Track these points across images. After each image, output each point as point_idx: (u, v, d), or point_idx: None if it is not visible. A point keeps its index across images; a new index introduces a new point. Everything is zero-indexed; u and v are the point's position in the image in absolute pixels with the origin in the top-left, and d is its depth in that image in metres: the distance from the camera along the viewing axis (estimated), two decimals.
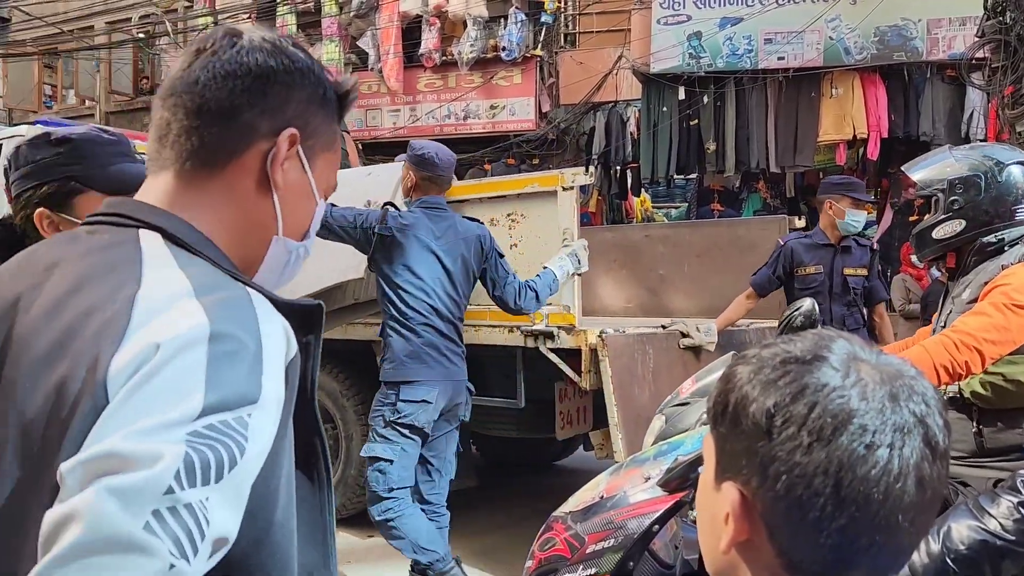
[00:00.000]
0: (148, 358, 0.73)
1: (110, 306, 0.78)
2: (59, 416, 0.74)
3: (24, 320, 0.83)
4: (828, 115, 8.44)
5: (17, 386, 0.79)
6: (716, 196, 9.42)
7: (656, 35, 8.58)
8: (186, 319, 0.75)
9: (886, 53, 8.10)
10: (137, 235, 0.86)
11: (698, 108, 8.74)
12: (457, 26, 10.65)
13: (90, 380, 0.73)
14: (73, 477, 0.67)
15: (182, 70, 0.91)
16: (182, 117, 0.90)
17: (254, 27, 0.99)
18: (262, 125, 0.92)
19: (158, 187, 0.91)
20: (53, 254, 0.88)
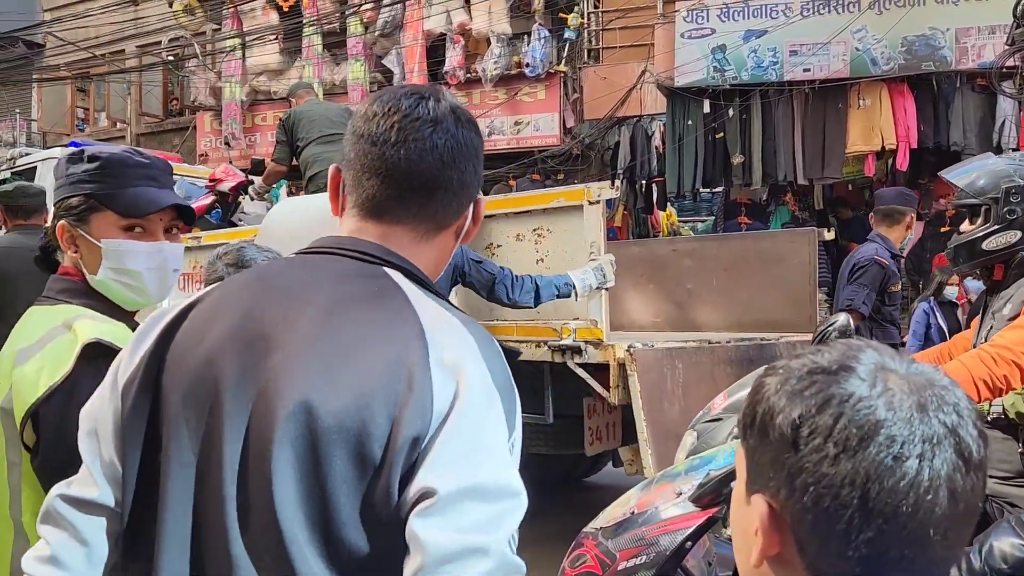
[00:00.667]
0: (454, 389, 0.90)
1: (399, 330, 0.93)
2: (380, 424, 0.88)
3: (293, 334, 0.94)
4: (856, 126, 8.36)
5: (314, 391, 0.89)
6: (743, 209, 9.35)
7: (680, 49, 8.57)
8: (474, 362, 0.93)
9: (914, 63, 8.01)
10: (384, 271, 1.02)
11: (724, 121, 8.70)
12: (481, 43, 10.72)
13: (412, 398, 0.88)
14: (453, 502, 0.85)
15: (417, 138, 1.03)
16: (446, 188, 1.05)
17: (450, 95, 1.12)
18: (474, 193, 1.11)
19: (392, 234, 1.05)
20: (304, 273, 1.02)
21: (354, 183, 1.06)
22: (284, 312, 0.97)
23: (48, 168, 7.44)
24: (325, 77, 11.38)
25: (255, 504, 0.90)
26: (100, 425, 1.03)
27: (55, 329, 1.36)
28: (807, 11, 8.25)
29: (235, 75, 11.83)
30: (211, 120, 12.51)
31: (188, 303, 1.05)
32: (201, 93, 12.29)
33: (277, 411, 0.90)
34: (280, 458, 0.89)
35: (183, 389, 0.97)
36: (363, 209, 1.06)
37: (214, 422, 0.94)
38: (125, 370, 1.03)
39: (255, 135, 12.19)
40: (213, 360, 0.96)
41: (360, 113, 1.08)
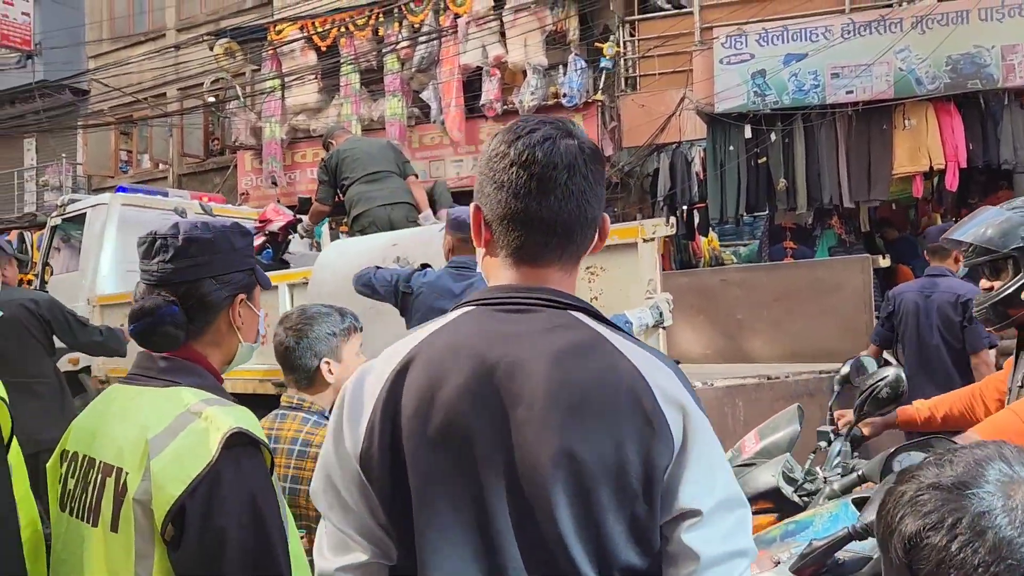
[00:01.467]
0: (682, 420, 1.03)
1: (622, 374, 1.04)
2: (632, 460, 1.01)
3: (527, 379, 1.04)
4: (902, 147, 8.22)
5: (568, 431, 1.01)
6: (788, 233, 9.21)
7: (719, 75, 8.52)
8: (683, 392, 1.06)
9: (960, 81, 7.86)
10: (573, 315, 1.11)
11: (766, 146, 8.61)
12: (517, 75, 10.78)
13: (655, 434, 1.01)
14: (712, 516, 1.03)
15: (555, 187, 1.11)
16: (583, 225, 1.13)
17: (575, 128, 1.18)
18: (601, 214, 1.18)
19: (548, 275, 1.14)
20: (505, 327, 1.09)
21: (501, 230, 1.14)
22: (512, 367, 1.05)
23: (98, 214, 7.57)
24: (363, 113, 11.52)
25: (542, 542, 1.02)
26: (344, 494, 1.11)
27: (183, 416, 1.32)
28: (848, 33, 8.17)
29: (275, 115, 12.03)
30: (252, 159, 12.72)
31: (395, 369, 1.10)
32: (242, 133, 12.51)
33: (542, 460, 1.01)
34: (558, 502, 1.01)
35: (432, 447, 1.05)
36: (515, 255, 1.14)
37: (476, 475, 1.04)
38: (352, 440, 1.10)
39: (295, 172, 12.36)
40: (457, 419, 1.05)
41: (494, 156, 1.14)
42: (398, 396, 1.08)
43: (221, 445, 1.27)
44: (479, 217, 1.17)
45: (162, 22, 15.42)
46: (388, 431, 1.07)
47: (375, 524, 1.10)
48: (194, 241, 1.46)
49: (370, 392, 1.10)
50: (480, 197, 1.16)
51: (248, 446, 1.32)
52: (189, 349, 1.47)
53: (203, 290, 1.45)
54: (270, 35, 11.95)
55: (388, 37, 11.38)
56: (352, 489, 1.10)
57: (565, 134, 1.13)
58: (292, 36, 11.80)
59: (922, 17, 7.92)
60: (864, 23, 8.18)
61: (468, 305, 1.16)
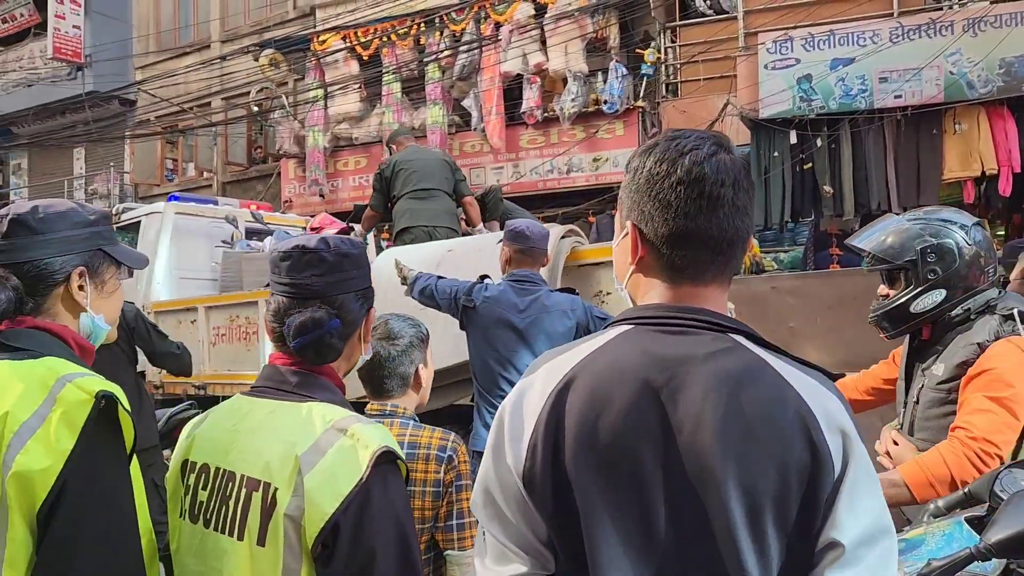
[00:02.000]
0: (842, 447, 1.03)
1: (786, 401, 1.03)
2: (795, 491, 1.01)
3: (691, 405, 1.04)
4: (952, 152, 8.08)
5: (734, 460, 1.01)
6: (834, 240, 9.08)
7: (765, 80, 8.45)
8: (845, 418, 1.05)
9: (1014, 85, 7.71)
10: (734, 338, 1.10)
11: (812, 152, 8.52)
12: (557, 83, 10.81)
13: (819, 464, 1.01)
14: (856, 551, 1.00)
15: (722, 204, 1.10)
16: (744, 240, 1.13)
17: (727, 140, 1.18)
18: None
19: (708, 294, 1.14)
20: (666, 350, 1.09)
21: (667, 248, 1.12)
22: (675, 392, 1.05)
23: (152, 222, 7.72)
24: (404, 122, 11.62)
25: (710, 564, 1.02)
26: (503, 508, 1.12)
27: (330, 433, 1.34)
28: (896, 37, 8.06)
29: (318, 124, 12.19)
30: (295, 167, 12.90)
31: (557, 387, 1.10)
32: (286, 141, 12.70)
33: (707, 488, 1.02)
34: (727, 530, 1.01)
35: (597, 468, 1.06)
36: (678, 273, 1.14)
37: (641, 498, 1.05)
38: (513, 456, 1.11)
39: (338, 180, 12.52)
40: (622, 442, 1.05)
41: (657, 175, 1.12)
42: (561, 415, 1.08)
43: (371, 463, 1.30)
44: (636, 234, 1.15)
45: (207, 34, 15.72)
46: (551, 450, 1.08)
47: (534, 538, 1.11)
48: (346, 256, 1.49)
49: (531, 410, 1.11)
50: (639, 216, 1.14)
51: (392, 463, 1.35)
52: (326, 369, 1.50)
53: (350, 305, 1.49)
54: (313, 45, 12.12)
55: (430, 46, 11.48)
56: (512, 504, 1.11)
57: (725, 149, 1.13)
58: (335, 46, 11.96)
59: (974, 20, 7.79)
60: (913, 27, 8.06)
61: (624, 324, 1.15)
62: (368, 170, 12.32)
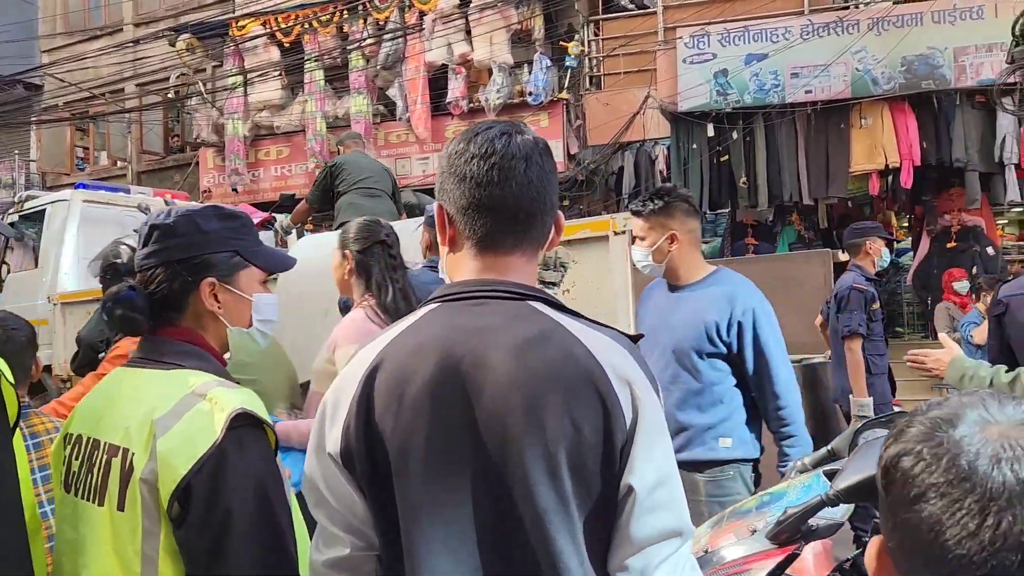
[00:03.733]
0: (631, 397, 1.08)
1: (577, 359, 1.09)
2: (590, 440, 1.06)
3: (489, 371, 1.09)
4: (859, 145, 8.45)
5: (529, 417, 1.07)
6: (750, 230, 9.40)
7: (683, 74, 8.67)
8: (633, 368, 1.11)
9: (914, 82, 8.12)
10: (532, 305, 1.16)
11: (728, 144, 8.78)
12: (483, 73, 10.82)
13: (610, 415, 1.06)
14: (650, 495, 1.07)
15: (515, 175, 1.18)
16: (542, 213, 1.21)
17: (528, 128, 1.26)
18: (556, 209, 1.25)
19: (510, 263, 1.20)
20: (468, 321, 1.15)
21: (466, 220, 1.20)
22: (475, 361, 1.11)
23: (59, 211, 7.44)
24: (328, 110, 11.46)
25: (518, 524, 1.07)
26: (324, 493, 1.18)
27: (188, 397, 1.34)
28: (807, 34, 8.37)
29: (238, 111, 11.90)
30: (214, 156, 12.57)
31: (366, 371, 1.16)
32: (203, 130, 12.36)
33: (509, 448, 1.07)
34: (536, 480, 1.06)
35: (405, 442, 1.12)
36: (480, 244, 1.21)
37: (448, 467, 1.10)
38: (332, 439, 1.17)
39: (258, 170, 12.25)
40: (425, 414, 1.11)
41: (455, 153, 1.22)
42: (371, 396, 1.14)
43: (226, 426, 1.30)
44: (442, 214, 1.23)
45: (119, 16, 15.14)
46: (363, 429, 1.14)
47: (356, 520, 1.17)
48: (156, 228, 1.49)
49: (346, 397, 1.17)
50: (442, 194, 1.23)
51: (253, 427, 1.35)
52: (192, 333, 1.49)
53: (164, 276, 1.47)
54: (232, 30, 11.82)
55: (353, 34, 11.34)
56: (334, 489, 1.17)
57: (519, 131, 1.23)
58: (254, 32, 11.69)
59: (878, 19, 8.16)
60: (822, 24, 8.39)
61: (433, 302, 1.22)
62: (290, 160, 12.10)
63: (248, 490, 1.30)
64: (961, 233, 8.52)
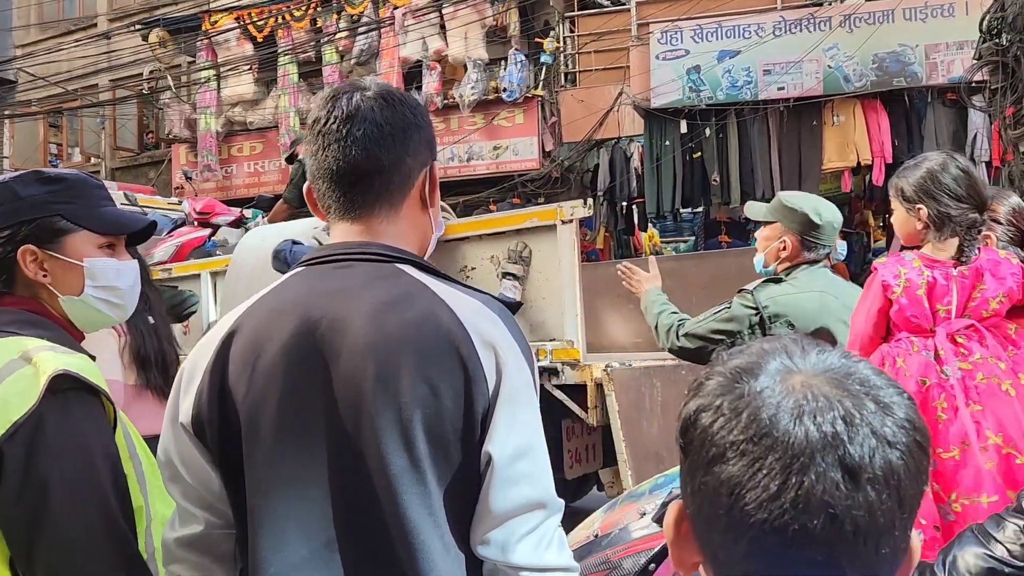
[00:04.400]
0: (496, 361, 1.03)
1: (440, 321, 1.04)
2: (449, 407, 1.00)
3: (346, 335, 1.04)
4: (831, 143, 8.40)
5: (383, 381, 1.01)
6: (723, 228, 9.35)
7: (655, 70, 8.60)
8: (502, 334, 1.06)
9: (885, 79, 8.07)
10: (399, 267, 1.12)
11: (700, 141, 8.71)
12: (457, 69, 10.73)
13: (471, 380, 1.01)
14: (509, 465, 1.01)
15: (337, 138, 1.13)
16: (379, 171, 1.14)
17: (378, 83, 1.20)
18: (422, 160, 1.19)
19: (368, 227, 1.15)
20: (328, 285, 1.10)
21: (317, 192, 1.18)
22: (332, 324, 1.06)
23: None
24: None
25: (370, 493, 1.02)
26: (178, 466, 1.12)
27: (13, 363, 1.25)
28: (779, 31, 8.32)
29: (210, 106, 11.77)
30: (187, 152, 12.43)
31: (222, 337, 1.11)
32: (176, 125, 12.22)
33: (362, 414, 1.02)
34: (383, 454, 1.00)
35: (257, 408, 1.06)
36: (334, 213, 1.16)
37: (299, 434, 1.05)
38: (185, 408, 1.11)
39: (231, 166, 12.12)
40: (278, 379, 1.06)
41: (310, 122, 1.19)
42: (225, 363, 1.09)
43: (44, 388, 1.20)
44: (311, 192, 1.20)
45: (93, 10, 14.98)
46: (216, 396, 1.08)
47: (210, 495, 1.11)
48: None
49: (201, 364, 1.12)
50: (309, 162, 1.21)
51: (80, 391, 1.25)
52: (30, 302, 1.40)
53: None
54: (204, 25, 11.70)
55: (327, 28, 11.24)
56: (188, 463, 1.11)
57: (357, 89, 1.16)
58: (227, 26, 11.57)
59: (849, 16, 8.11)
60: (794, 20, 8.34)
61: (301, 266, 1.18)
62: (263, 156, 11.97)
63: (69, 457, 1.21)
64: None
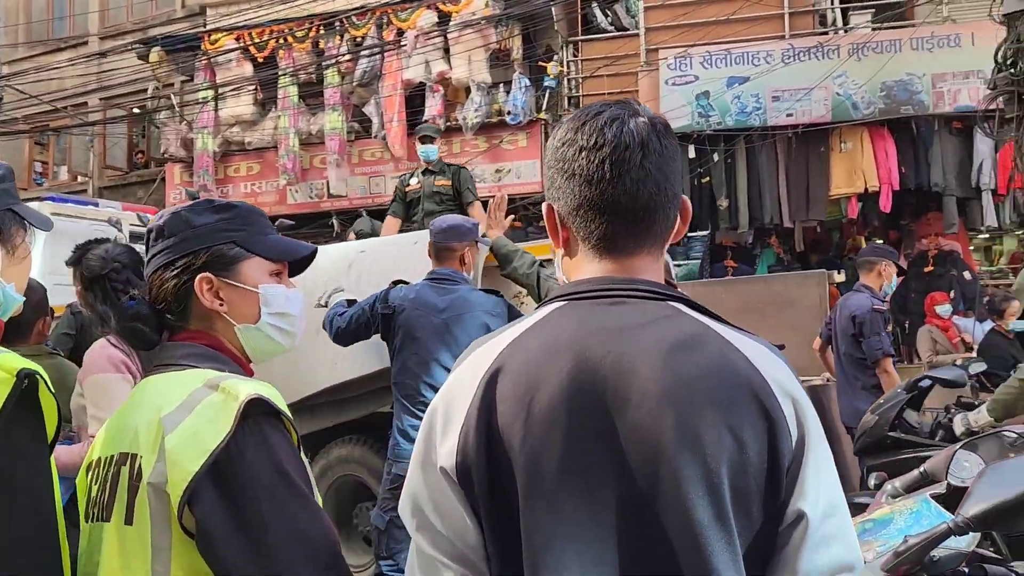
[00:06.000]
0: (795, 414, 0.98)
1: (737, 366, 0.98)
2: (754, 460, 0.94)
3: (634, 377, 0.97)
4: (839, 169, 8.52)
5: (684, 431, 0.94)
6: (729, 252, 9.40)
7: (665, 96, 8.68)
8: (792, 381, 1.01)
9: (893, 107, 8.22)
10: (674, 306, 1.04)
11: (709, 166, 8.78)
12: (460, 92, 10.73)
13: (776, 431, 0.95)
14: (822, 523, 0.96)
15: (631, 169, 1.05)
16: (664, 206, 1.07)
17: (641, 106, 1.12)
18: (680, 195, 1.11)
19: (635, 265, 1.08)
20: (604, 322, 1.02)
21: (580, 222, 1.07)
22: (617, 364, 0.98)
23: None
24: (301, 127, 11.25)
25: (667, 545, 0.94)
26: (429, 515, 1.03)
27: (198, 391, 1.20)
28: (788, 58, 8.44)
29: (208, 126, 11.63)
30: (181, 172, 12.25)
31: (484, 377, 1.02)
32: (171, 144, 12.05)
33: (660, 464, 0.94)
34: (696, 504, 0.93)
35: (536, 455, 0.97)
36: (598, 247, 1.07)
37: (586, 483, 0.96)
38: (445, 452, 1.02)
39: (228, 186, 11.96)
40: (560, 423, 0.97)
41: (561, 144, 1.08)
42: (492, 402, 1.00)
43: (239, 413, 1.15)
44: (552, 215, 1.10)
45: (84, 28, 14.78)
46: (484, 441, 0.99)
47: (465, 546, 1.02)
48: (151, 232, 1.41)
49: (460, 404, 1.02)
50: (551, 192, 1.10)
51: (271, 415, 1.21)
52: (206, 335, 1.37)
53: (160, 280, 1.37)
54: (204, 44, 11.58)
55: (329, 50, 11.18)
56: (442, 511, 1.02)
57: (632, 113, 1.08)
58: (228, 46, 11.46)
59: (858, 45, 8.26)
60: (803, 49, 8.47)
61: (558, 300, 1.08)
62: (260, 176, 11.83)
63: (272, 482, 1.16)
64: (938, 257, 8.60)
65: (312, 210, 11.49)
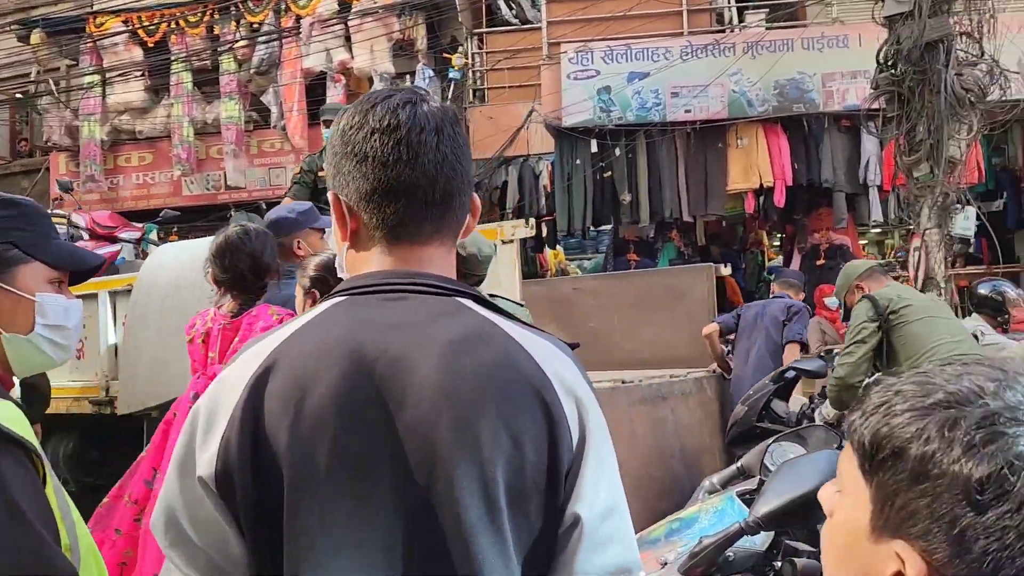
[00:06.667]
0: (578, 412, 0.95)
1: (519, 364, 0.95)
2: (531, 460, 0.91)
3: (411, 375, 0.92)
4: (735, 165, 8.66)
5: (462, 430, 0.90)
6: (632, 246, 9.47)
7: (567, 90, 8.65)
8: (578, 380, 0.98)
9: (786, 105, 8.41)
10: (460, 302, 1.00)
11: (611, 160, 8.82)
12: (363, 82, 10.50)
13: (557, 430, 0.92)
14: (596, 526, 0.93)
15: (427, 151, 1.00)
16: (461, 192, 1.04)
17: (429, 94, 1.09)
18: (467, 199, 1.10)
19: (427, 255, 1.03)
20: (382, 317, 0.96)
21: (373, 207, 1.01)
22: (394, 362, 0.94)
23: None
24: (196, 116, 10.82)
25: (443, 552, 0.91)
26: (187, 528, 0.96)
27: None
28: (686, 55, 8.54)
29: (94, 113, 11.05)
30: (67, 161, 11.62)
31: (252, 377, 0.95)
32: (55, 132, 11.39)
33: (437, 466, 0.90)
34: (469, 505, 0.90)
35: (303, 460, 0.92)
36: (392, 234, 1.02)
37: (360, 487, 0.92)
38: (205, 460, 0.94)
39: (118, 177, 11.40)
40: (331, 426, 0.92)
41: (349, 128, 1.02)
42: (259, 405, 0.94)
43: None
44: (339, 205, 1.04)
45: None
46: (248, 447, 0.93)
47: (225, 560, 0.95)
48: None
49: (224, 407, 0.96)
50: (337, 180, 1.03)
51: (7, 444, 1.10)
52: None
53: None
54: (89, 27, 10.98)
55: (224, 36, 10.76)
56: (199, 520, 0.95)
57: (422, 98, 1.05)
58: (115, 29, 10.90)
59: (752, 43, 8.42)
60: (701, 46, 8.58)
61: (337, 296, 1.02)
62: (153, 167, 11.33)
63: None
64: (829, 251, 8.86)
65: (209, 202, 11.06)
